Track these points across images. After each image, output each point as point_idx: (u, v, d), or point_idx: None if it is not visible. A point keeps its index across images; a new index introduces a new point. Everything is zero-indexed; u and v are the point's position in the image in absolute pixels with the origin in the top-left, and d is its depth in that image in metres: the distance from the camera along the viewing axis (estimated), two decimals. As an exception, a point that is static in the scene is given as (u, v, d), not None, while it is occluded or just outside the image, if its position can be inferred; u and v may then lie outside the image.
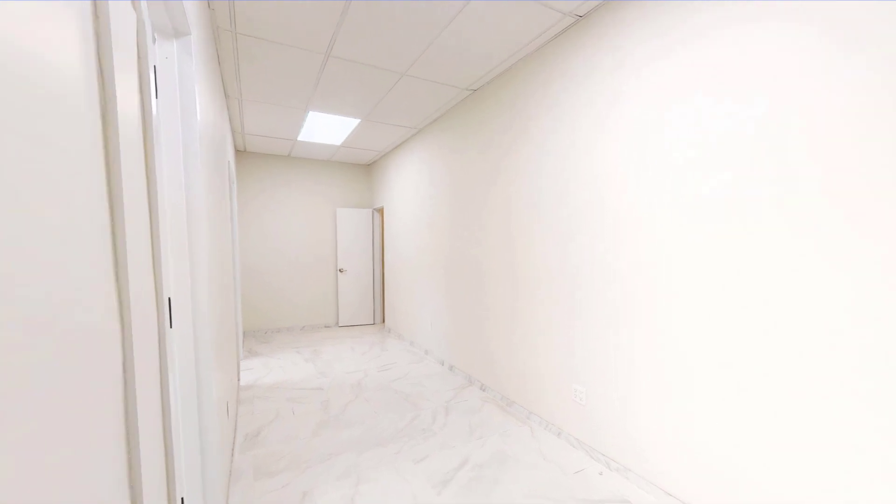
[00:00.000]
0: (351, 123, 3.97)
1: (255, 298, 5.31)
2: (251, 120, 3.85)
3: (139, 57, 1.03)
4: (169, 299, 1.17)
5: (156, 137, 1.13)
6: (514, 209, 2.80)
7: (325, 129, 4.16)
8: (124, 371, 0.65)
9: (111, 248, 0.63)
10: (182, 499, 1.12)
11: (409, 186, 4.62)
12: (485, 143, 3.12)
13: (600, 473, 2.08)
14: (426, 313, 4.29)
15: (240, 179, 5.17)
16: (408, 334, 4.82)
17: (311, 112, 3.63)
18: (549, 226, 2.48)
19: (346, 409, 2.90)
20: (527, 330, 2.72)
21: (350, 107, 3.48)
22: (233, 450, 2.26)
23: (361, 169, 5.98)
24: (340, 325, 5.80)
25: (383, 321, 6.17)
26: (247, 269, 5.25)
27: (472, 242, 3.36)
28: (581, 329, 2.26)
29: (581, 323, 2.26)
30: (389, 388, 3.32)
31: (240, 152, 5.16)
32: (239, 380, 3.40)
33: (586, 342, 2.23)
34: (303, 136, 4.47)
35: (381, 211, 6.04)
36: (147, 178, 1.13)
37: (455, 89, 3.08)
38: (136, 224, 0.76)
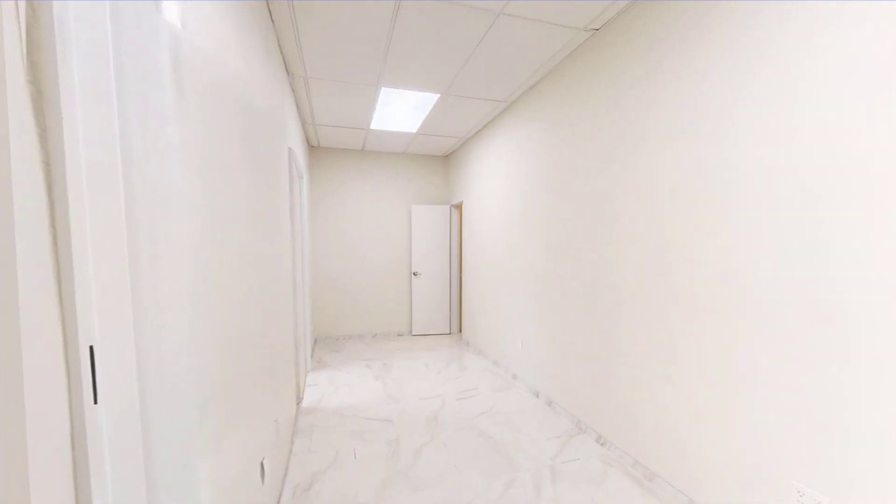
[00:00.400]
0: (428, 101, 3.35)
1: (328, 303, 5.01)
2: (320, 105, 3.44)
3: None
4: (91, 350, 0.59)
5: (61, 49, 0.54)
6: (673, 195, 1.89)
7: (400, 111, 3.61)
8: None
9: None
10: None
11: (495, 175, 3.88)
12: (608, 108, 2.25)
13: None
14: (515, 328, 3.50)
15: (313, 176, 4.91)
16: (490, 351, 4.08)
17: (383, 89, 3.09)
18: (753, 219, 1.54)
19: (419, 456, 2.24)
20: (693, 371, 1.79)
21: (428, 76, 2.86)
22: (275, 513, 1.73)
23: (438, 161, 5.40)
24: (414, 333, 5.27)
25: (460, 331, 5.51)
26: (320, 271, 4.98)
27: (588, 241, 2.50)
28: (832, 390, 1.29)
29: (834, 380, 1.29)
30: (473, 428, 2.60)
31: (313, 148, 4.90)
32: (301, 400, 2.96)
33: (844, 415, 1.26)
34: (376, 124, 4.00)
35: (459, 207, 5.40)
36: (36, 118, 0.55)
37: (568, 31, 2.26)
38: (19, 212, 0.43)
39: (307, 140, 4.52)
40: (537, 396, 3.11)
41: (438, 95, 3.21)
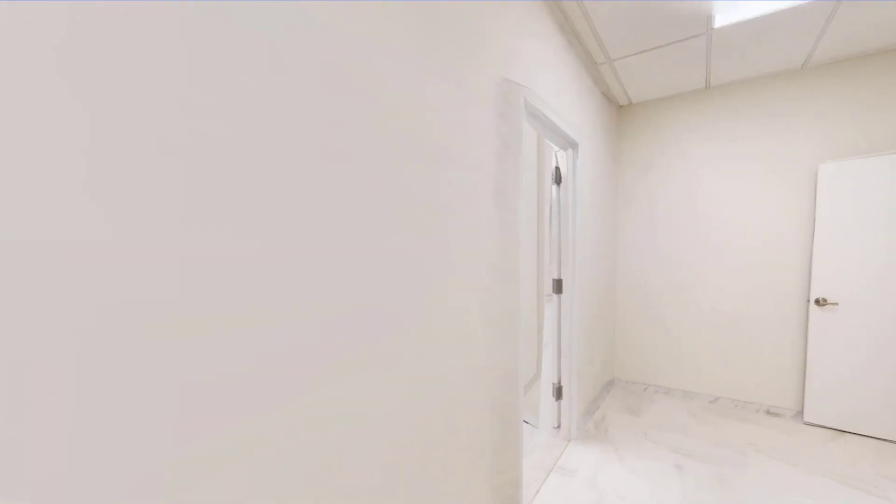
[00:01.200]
0: None
1: (634, 330, 3.41)
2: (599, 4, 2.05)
3: None
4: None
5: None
6: None
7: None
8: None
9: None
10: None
11: None
12: None
13: None
14: None
15: (622, 147, 3.44)
16: None
17: None
18: None
19: None
20: None
21: None
22: None
23: (891, 59, 2.43)
24: (807, 420, 2.66)
25: (968, 453, 2.29)
26: (628, 283, 3.46)
27: None
28: None
29: None
30: None
31: (623, 108, 3.42)
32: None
33: None
34: (724, 14, 2.09)
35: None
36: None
37: None
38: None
39: (605, 96, 3.14)
40: None
41: None
